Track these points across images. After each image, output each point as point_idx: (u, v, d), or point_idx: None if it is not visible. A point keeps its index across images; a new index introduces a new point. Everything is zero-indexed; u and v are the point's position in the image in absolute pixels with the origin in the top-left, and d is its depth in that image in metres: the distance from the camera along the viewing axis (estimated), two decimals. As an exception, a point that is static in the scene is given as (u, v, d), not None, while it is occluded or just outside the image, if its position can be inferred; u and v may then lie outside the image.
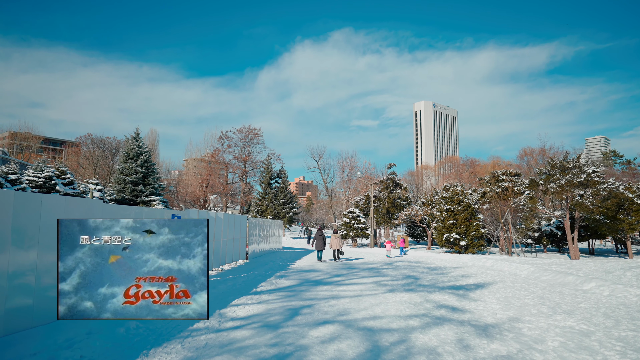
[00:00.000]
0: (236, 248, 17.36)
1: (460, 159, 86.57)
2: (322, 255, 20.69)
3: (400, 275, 14.50)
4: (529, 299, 9.92)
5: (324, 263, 19.18)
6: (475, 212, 29.31)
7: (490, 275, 14.87)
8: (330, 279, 13.45)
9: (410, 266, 18.19)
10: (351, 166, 57.21)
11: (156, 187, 37.30)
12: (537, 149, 57.58)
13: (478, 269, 17.40)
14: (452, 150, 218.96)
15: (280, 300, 9.31)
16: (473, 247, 28.09)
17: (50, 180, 26.85)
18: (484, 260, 20.12)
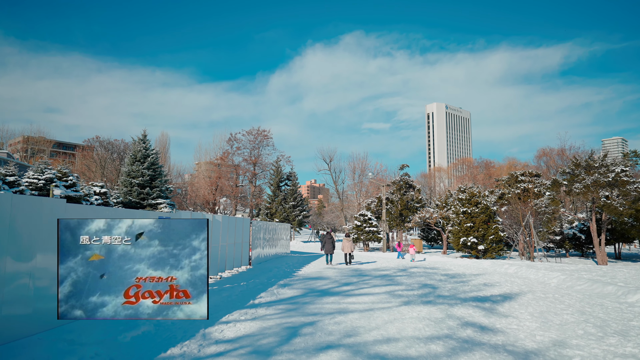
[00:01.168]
0: (238, 253, 16.15)
1: (474, 161, 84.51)
2: (332, 259, 20.55)
3: (416, 284, 13.14)
4: (569, 315, 8.51)
5: (333, 269, 17.89)
6: (494, 215, 27.73)
7: (516, 284, 13.42)
8: (338, 288, 12.16)
9: (427, 273, 16.78)
10: (362, 168, 55.84)
11: (163, 190, 36.43)
12: (556, 149, 55.62)
13: (501, 276, 15.94)
14: (466, 152, 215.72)
15: (278, 316, 8.05)
16: (492, 252, 26.52)
17: (51, 182, 26.02)
18: (506, 267, 18.61)
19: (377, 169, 53.91)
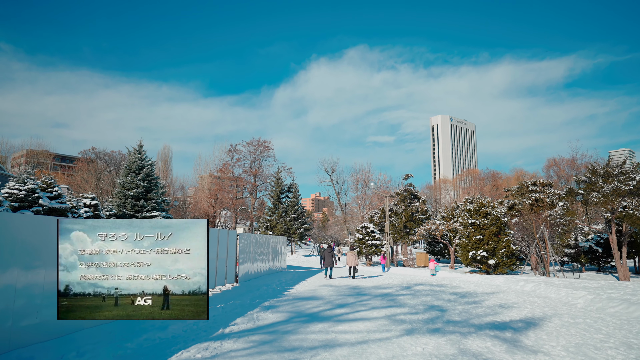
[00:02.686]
0: (222, 269, 14.48)
1: (480, 172, 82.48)
2: (331, 273, 20.33)
3: (421, 306, 11.39)
4: (614, 349, 6.77)
5: (329, 287, 16.17)
6: (505, 226, 25.89)
7: (537, 306, 11.64)
8: (330, 311, 10.45)
9: (433, 291, 15.00)
10: (366, 179, 54.16)
11: (159, 202, 34.90)
12: (566, 159, 53.72)
13: (517, 295, 14.14)
14: (471, 164, 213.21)
15: (246, 353, 6.37)
16: (503, 266, 24.61)
17: (33, 193, 24.56)
18: (522, 284, 16.77)
19: (380, 180, 52.25)
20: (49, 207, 25.26)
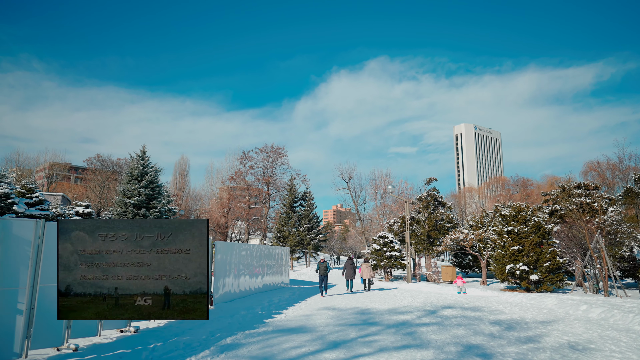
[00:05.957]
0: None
1: (509, 179, 77.32)
2: (352, 285, 20.08)
3: (452, 345, 7.72)
4: None
5: (328, 311, 12.59)
6: (548, 234, 21.76)
7: (624, 346, 7.82)
8: (315, 356, 6.91)
9: (467, 319, 11.23)
10: (385, 187, 50.33)
11: (162, 212, 32.08)
12: (607, 163, 48.73)
13: (585, 326, 10.26)
14: (497, 173, 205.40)
15: None
16: (547, 283, 20.47)
17: (6, 198, 21.93)
18: (584, 308, 12.80)
19: (401, 188, 48.33)
20: (25, 214, 22.59)
